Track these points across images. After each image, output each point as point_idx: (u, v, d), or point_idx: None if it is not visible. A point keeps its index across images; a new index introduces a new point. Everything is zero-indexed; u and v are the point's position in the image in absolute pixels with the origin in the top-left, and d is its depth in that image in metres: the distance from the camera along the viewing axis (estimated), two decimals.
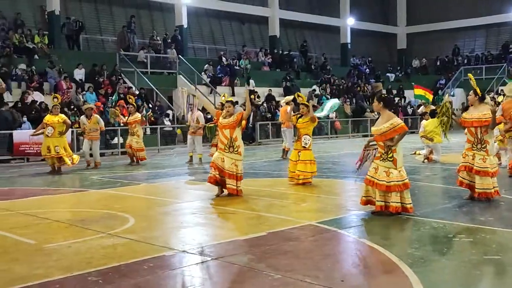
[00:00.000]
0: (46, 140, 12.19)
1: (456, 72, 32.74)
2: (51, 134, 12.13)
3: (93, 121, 13.39)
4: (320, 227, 6.37)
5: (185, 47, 26.48)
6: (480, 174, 7.52)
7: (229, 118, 8.53)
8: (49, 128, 12.14)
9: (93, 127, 13.40)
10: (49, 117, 12.29)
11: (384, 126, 6.80)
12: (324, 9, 33.26)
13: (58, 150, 12.12)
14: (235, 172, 8.42)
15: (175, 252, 5.40)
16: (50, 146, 12.10)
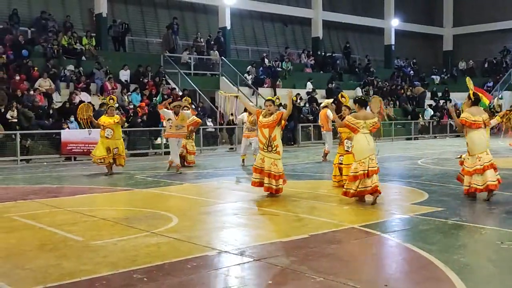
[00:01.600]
0: (105, 142, 11.89)
1: (505, 75, 31.84)
2: (111, 136, 11.88)
3: (181, 117, 12.23)
4: (363, 231, 6.31)
5: (228, 49, 26.65)
6: None
7: (269, 117, 8.56)
8: (107, 130, 11.86)
9: (180, 124, 12.26)
10: (105, 119, 11.99)
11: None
12: (368, 10, 32.91)
13: (116, 152, 12.01)
14: (274, 172, 8.44)
15: (218, 252, 5.45)
16: (110, 148, 11.91)
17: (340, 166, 9.51)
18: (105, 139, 11.91)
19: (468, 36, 35.96)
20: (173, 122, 12.09)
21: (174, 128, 12.13)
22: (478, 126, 8.11)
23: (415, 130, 26.16)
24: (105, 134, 11.87)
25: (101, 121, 11.99)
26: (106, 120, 11.94)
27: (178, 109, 12.30)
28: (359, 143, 7.95)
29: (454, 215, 7.02)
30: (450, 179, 10.61)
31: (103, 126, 11.91)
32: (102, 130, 11.93)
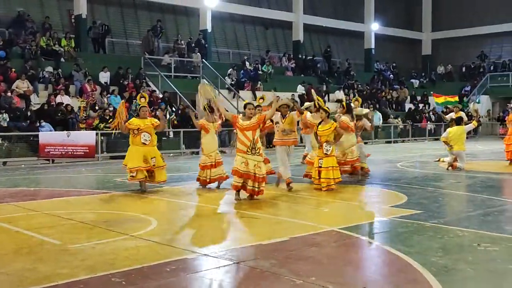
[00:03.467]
0: (141, 150, 9.53)
1: (482, 79, 32.31)
2: (149, 141, 9.61)
3: (288, 120, 9.86)
4: (342, 233, 6.34)
5: (209, 51, 26.61)
6: None
7: (252, 120, 8.57)
8: (144, 134, 9.52)
9: (289, 128, 9.87)
10: (139, 121, 9.63)
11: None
12: (348, 14, 33.14)
13: (155, 162, 9.65)
14: (258, 174, 8.45)
15: (197, 255, 5.43)
16: (147, 157, 9.57)
17: (319, 169, 9.54)
18: (140, 147, 9.54)
19: (446, 41, 36.44)
20: (280, 126, 9.84)
21: (280, 134, 9.84)
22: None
23: (395, 133, 26.37)
24: (142, 140, 9.52)
25: (133, 124, 9.62)
26: (141, 123, 9.62)
27: (285, 109, 9.96)
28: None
29: (432, 218, 7.09)
30: (429, 181, 10.72)
31: (138, 130, 9.54)
32: (135, 136, 9.58)
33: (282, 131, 9.78)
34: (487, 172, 12.35)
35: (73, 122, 17.02)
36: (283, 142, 9.85)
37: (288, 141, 9.86)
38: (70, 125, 16.81)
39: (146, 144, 9.55)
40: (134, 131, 9.58)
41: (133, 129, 9.59)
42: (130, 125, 9.62)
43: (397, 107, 29.93)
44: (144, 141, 9.54)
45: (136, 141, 9.57)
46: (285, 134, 9.78)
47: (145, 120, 9.66)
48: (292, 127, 9.86)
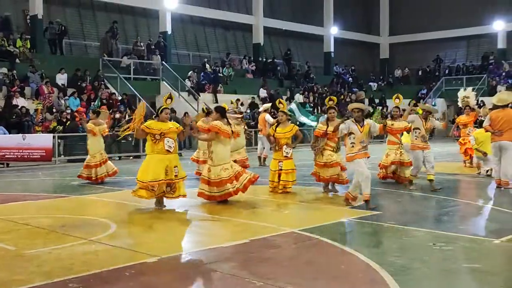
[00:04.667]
0: (165, 158, 8.01)
1: (438, 83, 33.12)
2: (173, 148, 8.09)
3: (366, 130, 8.10)
4: (302, 235, 6.39)
5: (169, 54, 26.43)
6: None
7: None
8: (168, 140, 8.01)
9: (367, 139, 8.19)
10: (160, 125, 8.07)
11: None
12: (308, 17, 33.45)
13: (177, 172, 8.14)
14: (207, 177, 8.44)
15: (157, 258, 5.38)
16: (170, 167, 8.02)
17: (280, 172, 9.57)
18: (164, 155, 8.01)
19: (403, 45, 37.20)
20: (357, 137, 8.00)
21: (359, 146, 8.02)
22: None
23: None
24: (166, 146, 8.01)
25: (155, 127, 8.04)
26: (163, 127, 8.05)
27: (358, 114, 8.09)
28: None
29: (390, 219, 7.22)
30: (388, 183, 10.91)
31: (161, 135, 8.00)
32: (157, 142, 8.00)
33: (360, 143, 8.30)
34: (442, 173, 12.64)
35: (29, 125, 16.63)
36: (363, 155, 8.18)
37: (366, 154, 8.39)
38: (25, 128, 16.41)
39: (170, 151, 8.02)
40: (155, 136, 7.99)
41: (154, 134, 7.99)
42: (151, 129, 7.99)
43: None
44: (169, 148, 7.99)
45: (158, 148, 7.97)
46: (364, 146, 8.14)
47: (167, 124, 8.17)
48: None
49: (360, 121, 8.06)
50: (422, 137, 9.76)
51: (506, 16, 32.73)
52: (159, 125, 8.05)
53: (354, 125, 8.06)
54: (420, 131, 9.80)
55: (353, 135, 7.99)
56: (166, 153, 7.98)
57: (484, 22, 33.27)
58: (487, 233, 6.41)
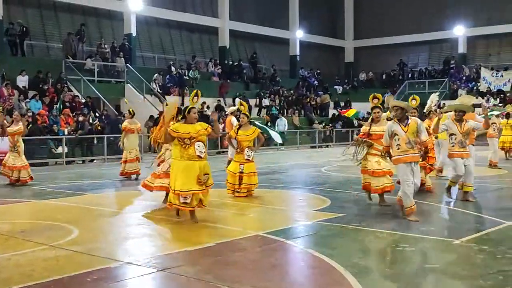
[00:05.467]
0: (196, 166, 7.16)
1: (401, 86, 33.68)
2: (204, 154, 7.28)
3: (412, 129, 7.37)
4: (267, 238, 6.39)
5: (134, 56, 26.18)
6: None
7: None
8: (199, 144, 7.20)
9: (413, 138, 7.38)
10: (188, 127, 7.21)
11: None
12: (273, 21, 33.61)
13: (206, 180, 7.28)
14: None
15: (120, 263, 5.31)
16: (201, 175, 7.20)
17: (241, 175, 9.56)
18: (195, 161, 7.15)
19: (368, 49, 37.73)
20: (402, 138, 7.31)
21: (404, 147, 7.29)
22: None
23: (319, 138, 26.96)
24: (197, 151, 7.14)
25: (183, 131, 7.15)
26: (192, 129, 7.21)
27: (397, 113, 7.43)
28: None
29: (354, 221, 7.29)
30: (352, 185, 11.03)
31: (190, 139, 7.14)
32: (187, 147, 7.12)
33: (459, 142, 8.57)
34: None
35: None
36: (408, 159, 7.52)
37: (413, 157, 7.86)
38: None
39: (201, 157, 7.20)
40: (184, 141, 7.12)
41: (183, 138, 7.12)
42: (178, 133, 7.09)
43: (321, 113, 30.64)
44: (200, 154, 7.16)
45: (188, 153, 7.10)
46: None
47: (196, 126, 7.26)
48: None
49: (403, 120, 7.35)
50: (460, 142, 8.55)
51: (466, 22, 33.58)
52: (188, 127, 7.15)
53: (396, 125, 7.35)
54: (456, 136, 8.58)
55: (397, 136, 7.28)
56: (198, 159, 7.11)
57: (445, 28, 34.06)
58: (448, 234, 6.53)
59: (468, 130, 8.63)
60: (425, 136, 7.32)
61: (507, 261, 5.37)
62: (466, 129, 8.60)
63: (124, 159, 12.74)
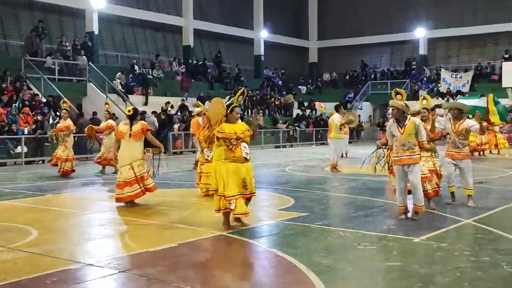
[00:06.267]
0: (242, 168, 6.74)
1: (364, 87, 34.14)
2: (249, 155, 6.88)
3: (408, 130, 7.23)
4: (231, 237, 6.39)
5: (96, 54, 25.77)
6: None
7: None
8: (245, 145, 6.78)
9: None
10: (234, 127, 6.80)
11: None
12: (238, 21, 33.60)
13: (247, 184, 6.82)
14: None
15: (81, 265, 5.22)
16: (246, 178, 6.75)
17: (201, 175, 9.54)
18: (241, 163, 6.71)
19: (331, 50, 38.10)
20: (398, 139, 7.24)
21: (400, 149, 7.23)
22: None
23: (283, 138, 27.08)
24: (243, 153, 6.69)
25: (227, 130, 6.69)
26: (237, 129, 6.77)
27: (394, 112, 7.32)
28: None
29: (317, 220, 7.35)
30: (315, 185, 11.12)
31: (237, 139, 6.68)
32: (233, 148, 6.66)
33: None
34: (368, 174, 13.02)
35: None
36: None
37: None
38: None
39: (247, 159, 6.74)
40: (231, 142, 6.64)
41: (230, 139, 6.65)
42: (224, 133, 6.63)
43: (286, 113, 30.79)
44: (246, 155, 6.70)
45: (234, 155, 6.64)
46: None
47: (240, 126, 6.85)
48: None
49: (400, 120, 7.16)
50: (453, 142, 8.31)
51: (427, 24, 34.28)
52: (234, 127, 6.72)
53: (394, 125, 7.21)
54: (450, 136, 8.38)
55: (395, 138, 7.20)
56: (244, 161, 6.67)
57: (407, 29, 34.69)
58: (408, 232, 6.64)
59: (463, 130, 8.28)
60: (424, 137, 7.16)
61: (465, 258, 5.51)
62: (461, 129, 8.26)
63: (101, 155, 13.33)
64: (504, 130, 23.94)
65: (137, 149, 8.54)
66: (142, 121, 8.74)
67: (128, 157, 8.48)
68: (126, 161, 8.48)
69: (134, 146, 8.54)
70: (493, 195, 9.73)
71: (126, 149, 8.54)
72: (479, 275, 4.92)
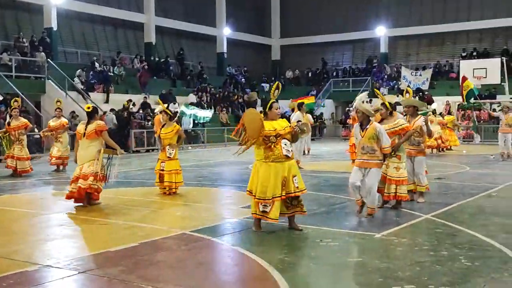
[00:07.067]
0: (283, 167, 6.38)
1: (326, 84, 34.44)
2: (291, 153, 6.46)
3: (368, 135, 7.22)
4: (193, 236, 6.34)
5: (55, 51, 25.23)
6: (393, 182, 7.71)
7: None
8: (286, 142, 6.41)
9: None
10: (274, 124, 6.45)
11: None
12: (200, 18, 33.41)
13: (298, 183, 6.45)
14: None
15: (39, 267, 5.10)
16: (288, 178, 6.37)
17: (161, 173, 9.46)
18: (282, 162, 6.35)
19: (294, 47, 38.29)
20: (359, 142, 7.38)
21: (360, 152, 7.32)
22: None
23: None
24: (284, 150, 6.32)
25: (267, 128, 6.31)
26: (277, 126, 6.43)
27: (359, 115, 7.34)
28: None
29: (280, 217, 7.34)
30: None
31: (276, 137, 6.31)
32: (273, 146, 6.32)
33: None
34: (330, 171, 13.17)
35: None
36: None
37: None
38: None
39: (289, 156, 6.36)
40: (270, 139, 6.27)
41: (269, 136, 6.28)
42: (263, 131, 6.25)
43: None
44: (287, 153, 6.32)
45: (273, 153, 6.29)
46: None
47: (280, 122, 6.48)
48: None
49: (363, 123, 7.15)
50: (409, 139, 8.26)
51: (388, 22, 34.82)
52: (273, 124, 6.35)
53: (357, 128, 7.27)
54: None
55: (357, 140, 7.26)
56: (285, 159, 6.30)
57: (368, 28, 35.15)
58: (370, 228, 6.73)
59: (418, 128, 8.25)
60: (386, 143, 7.04)
61: (424, 252, 5.61)
62: (416, 126, 8.27)
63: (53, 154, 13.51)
64: (462, 128, 24.59)
65: (91, 150, 8.37)
66: (98, 121, 8.55)
67: (82, 157, 8.39)
68: (80, 161, 8.41)
69: (89, 147, 8.38)
70: (451, 190, 9.94)
71: (82, 149, 8.44)
72: (438, 269, 5.01)
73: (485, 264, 5.18)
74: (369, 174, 7.12)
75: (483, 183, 10.87)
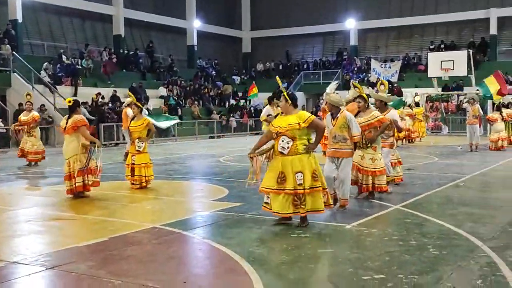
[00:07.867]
0: (279, 162, 6.42)
1: (297, 77, 34.54)
2: (288, 149, 6.32)
3: (339, 123, 7.25)
4: (164, 230, 6.30)
5: (20, 43, 24.65)
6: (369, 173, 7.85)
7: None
8: (283, 139, 6.34)
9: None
10: (281, 121, 6.43)
11: None
12: (170, 10, 33.06)
13: (302, 181, 6.28)
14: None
15: (5, 263, 5.00)
16: (287, 172, 6.30)
17: (133, 167, 9.38)
18: (278, 157, 6.43)
19: (265, 40, 38.26)
20: (329, 131, 7.38)
21: (331, 141, 7.38)
22: None
23: (218, 128, 27.01)
24: (279, 147, 6.38)
25: (274, 123, 6.55)
26: (283, 123, 6.44)
27: (328, 105, 7.44)
28: None
29: (251, 209, 7.36)
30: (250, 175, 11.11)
31: (277, 134, 6.40)
32: (276, 141, 6.47)
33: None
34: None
35: None
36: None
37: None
38: None
39: (284, 153, 6.31)
40: (273, 136, 6.56)
41: (273, 133, 6.52)
42: (272, 127, 6.50)
43: (220, 103, 30.72)
44: (282, 150, 6.32)
45: (274, 148, 6.50)
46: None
47: (289, 118, 6.35)
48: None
49: (333, 113, 7.19)
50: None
51: (357, 15, 35.06)
52: (280, 121, 6.43)
53: (329, 117, 7.29)
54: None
55: (328, 129, 7.23)
56: (280, 155, 6.33)
57: (338, 20, 35.33)
58: (340, 220, 6.78)
59: (391, 120, 8.32)
60: (356, 131, 7.07)
61: (393, 242, 5.67)
62: (389, 119, 8.25)
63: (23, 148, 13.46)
64: (432, 119, 24.97)
65: (73, 145, 8.37)
66: (76, 116, 8.43)
67: (66, 152, 8.44)
68: (65, 156, 8.45)
69: (71, 142, 8.39)
70: (420, 181, 10.08)
71: (65, 144, 8.50)
72: (407, 259, 5.08)
73: (452, 253, 5.27)
74: (342, 166, 7.17)
75: (451, 174, 11.06)
